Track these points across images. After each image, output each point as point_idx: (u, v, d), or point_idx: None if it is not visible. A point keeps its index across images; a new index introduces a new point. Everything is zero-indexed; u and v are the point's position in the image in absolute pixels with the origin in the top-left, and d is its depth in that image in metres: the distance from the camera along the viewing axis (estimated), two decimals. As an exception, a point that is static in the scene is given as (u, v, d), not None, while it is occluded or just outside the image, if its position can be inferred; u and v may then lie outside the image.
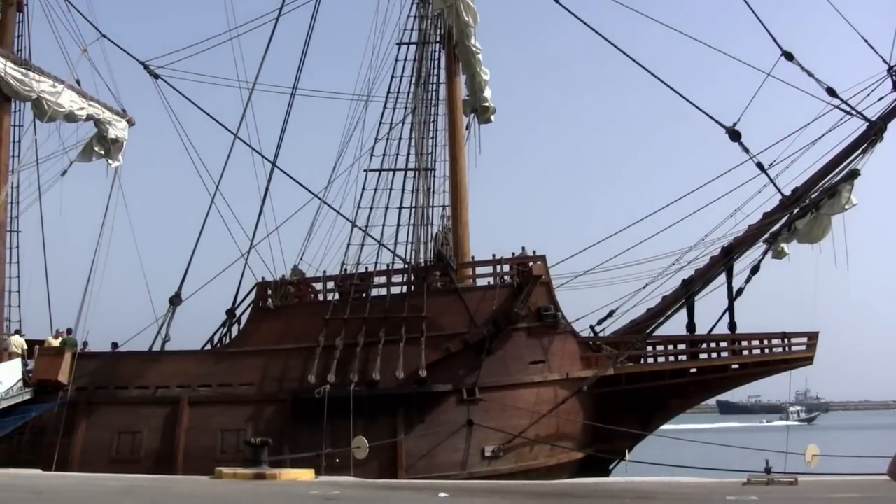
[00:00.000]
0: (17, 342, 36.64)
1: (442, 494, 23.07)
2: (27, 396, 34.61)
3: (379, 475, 31.58)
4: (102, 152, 41.79)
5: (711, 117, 34.60)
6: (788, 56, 34.38)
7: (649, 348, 36.99)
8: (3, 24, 40.25)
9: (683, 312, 36.57)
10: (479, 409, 33.40)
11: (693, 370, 36.63)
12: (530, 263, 34.59)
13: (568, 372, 34.84)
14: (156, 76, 38.54)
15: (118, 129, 41.94)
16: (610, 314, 37.15)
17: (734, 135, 34.37)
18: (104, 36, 39.86)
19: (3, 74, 38.23)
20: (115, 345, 36.92)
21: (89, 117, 41.01)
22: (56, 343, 36.33)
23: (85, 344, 37.05)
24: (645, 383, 35.81)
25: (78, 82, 40.95)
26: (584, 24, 35.76)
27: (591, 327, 37.36)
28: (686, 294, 36.17)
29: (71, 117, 40.37)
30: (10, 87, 38.65)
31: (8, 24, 40.31)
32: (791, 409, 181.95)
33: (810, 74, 33.95)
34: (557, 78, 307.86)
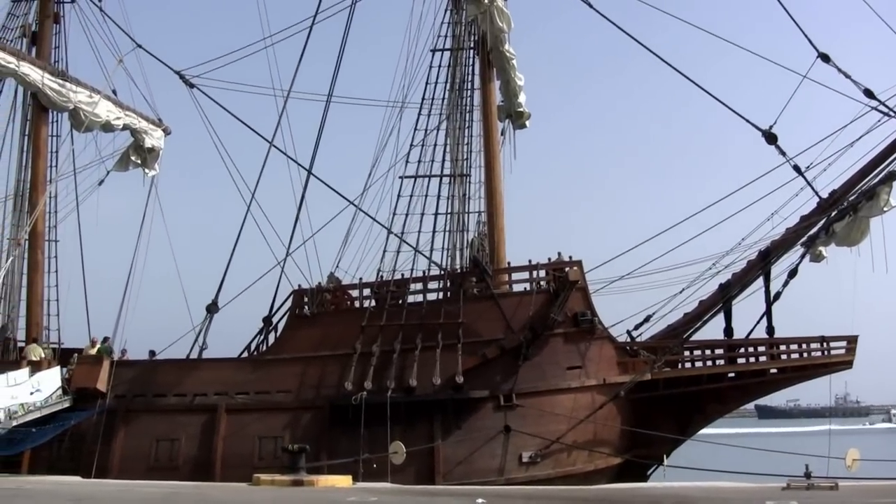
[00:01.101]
0: (36, 351, 36.89)
1: (480, 501, 22.96)
2: (67, 404, 34.86)
3: (416, 481, 31.54)
4: (139, 161, 42.17)
5: (748, 121, 34.45)
6: (825, 58, 34.08)
7: (687, 353, 36.69)
8: (41, 36, 40.75)
9: (721, 317, 36.35)
10: (517, 414, 33.33)
11: (731, 375, 36.35)
12: (566, 269, 34.50)
13: (605, 377, 34.72)
14: (191, 85, 38.74)
15: (154, 138, 42.28)
16: (647, 319, 36.94)
17: (770, 138, 34.15)
18: (140, 46, 40.26)
19: (40, 86, 38.63)
20: (152, 353, 37.10)
21: (126, 127, 41.36)
22: (94, 351, 36.56)
23: (124, 352, 37.23)
24: (682, 388, 35.60)
25: (114, 92, 41.40)
26: (620, 29, 35.71)
27: (628, 332, 37.15)
28: (723, 298, 35.93)
29: (107, 127, 40.75)
30: (47, 97, 39.07)
31: (45, 37, 40.81)
32: (893, 411, 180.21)
33: (847, 76, 33.60)
34: (593, 83, 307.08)
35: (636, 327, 37.23)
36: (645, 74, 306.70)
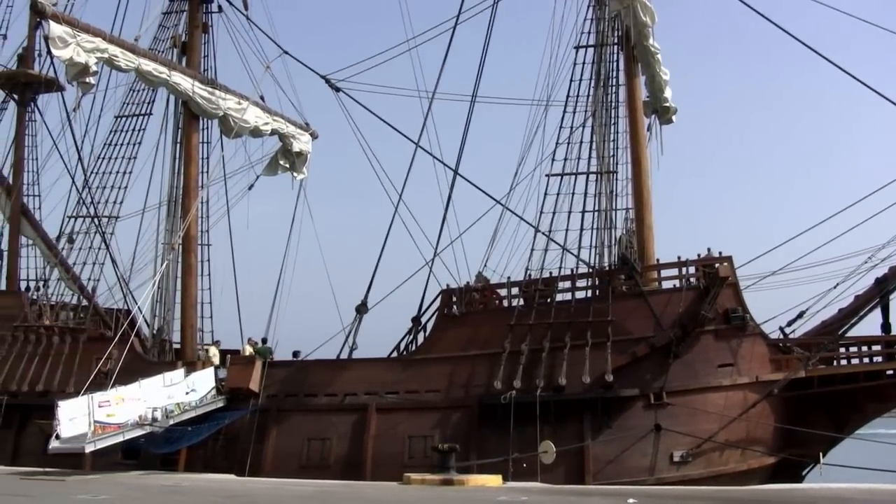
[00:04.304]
0: (214, 352, 37.96)
1: (631, 501, 22.77)
2: (221, 404, 35.66)
3: (566, 481, 31.38)
4: (287, 166, 42.98)
5: (903, 108, 33.34)
6: None
7: (842, 350, 35.78)
8: (190, 46, 41.79)
9: (877, 312, 35.33)
10: (667, 413, 32.87)
11: (890, 372, 35.29)
12: (716, 265, 33.87)
13: (758, 375, 33.95)
14: (337, 89, 39.21)
15: (302, 142, 43.01)
16: (800, 315, 35.93)
17: (928, 126, 33.01)
18: (286, 52, 41.10)
19: (191, 94, 39.56)
20: (296, 353, 37.66)
21: (274, 132, 42.15)
22: (251, 351, 37.37)
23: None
24: (838, 386, 34.66)
25: (262, 98, 42.15)
26: (769, 20, 34.96)
27: (781, 329, 36.25)
28: (880, 293, 34.82)
29: (256, 133, 41.58)
30: (197, 105, 40.00)
31: (195, 46, 41.82)
32: None
33: None
34: (740, 74, 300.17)
35: (789, 324, 36.26)
36: (794, 63, 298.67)
